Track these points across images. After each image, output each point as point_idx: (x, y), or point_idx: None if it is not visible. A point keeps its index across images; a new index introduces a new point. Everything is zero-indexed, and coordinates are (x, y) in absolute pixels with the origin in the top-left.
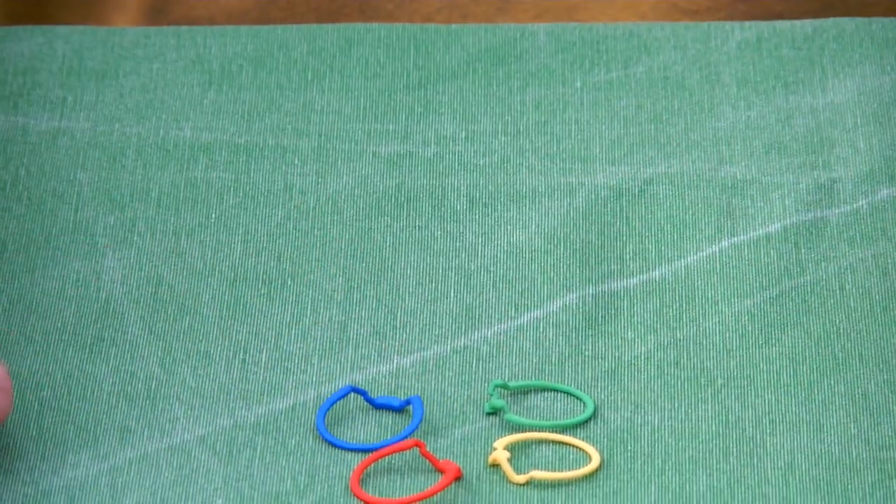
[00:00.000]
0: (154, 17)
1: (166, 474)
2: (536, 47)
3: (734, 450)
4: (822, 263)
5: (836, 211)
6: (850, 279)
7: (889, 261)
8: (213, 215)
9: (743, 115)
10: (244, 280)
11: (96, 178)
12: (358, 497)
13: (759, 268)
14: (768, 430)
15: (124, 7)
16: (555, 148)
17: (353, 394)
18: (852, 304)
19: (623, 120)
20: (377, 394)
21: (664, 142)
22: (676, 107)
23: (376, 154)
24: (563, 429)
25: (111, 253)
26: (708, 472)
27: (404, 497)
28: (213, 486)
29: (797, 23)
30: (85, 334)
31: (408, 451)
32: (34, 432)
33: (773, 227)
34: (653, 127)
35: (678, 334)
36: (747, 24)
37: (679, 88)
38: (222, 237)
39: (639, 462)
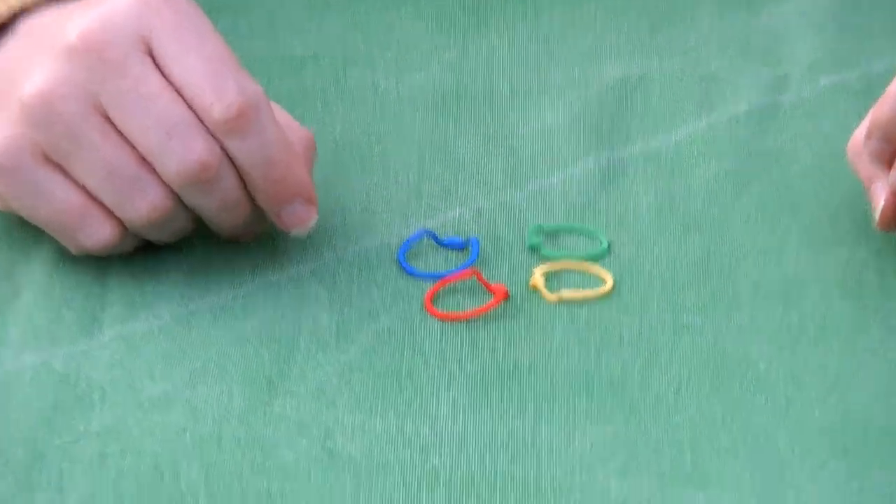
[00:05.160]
0: None
1: (286, 299)
2: None
3: (714, 271)
4: (778, 134)
5: (787, 97)
6: (798, 144)
7: (825, 129)
8: (319, 105)
9: (717, 26)
10: (343, 149)
11: None
12: (430, 313)
13: (731, 138)
14: (739, 256)
15: None
16: (574, 51)
17: (426, 236)
18: (800, 160)
19: (626, 30)
20: (444, 235)
21: (658, 44)
22: (669, 19)
23: (441, 60)
24: (584, 260)
25: None
26: (694, 287)
27: (465, 311)
28: (320, 306)
29: None
30: None
31: (468, 278)
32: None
33: (741, 108)
34: (648, 37)
35: (671, 188)
36: None
37: (670, 5)
38: (329, 119)
39: (641, 284)
